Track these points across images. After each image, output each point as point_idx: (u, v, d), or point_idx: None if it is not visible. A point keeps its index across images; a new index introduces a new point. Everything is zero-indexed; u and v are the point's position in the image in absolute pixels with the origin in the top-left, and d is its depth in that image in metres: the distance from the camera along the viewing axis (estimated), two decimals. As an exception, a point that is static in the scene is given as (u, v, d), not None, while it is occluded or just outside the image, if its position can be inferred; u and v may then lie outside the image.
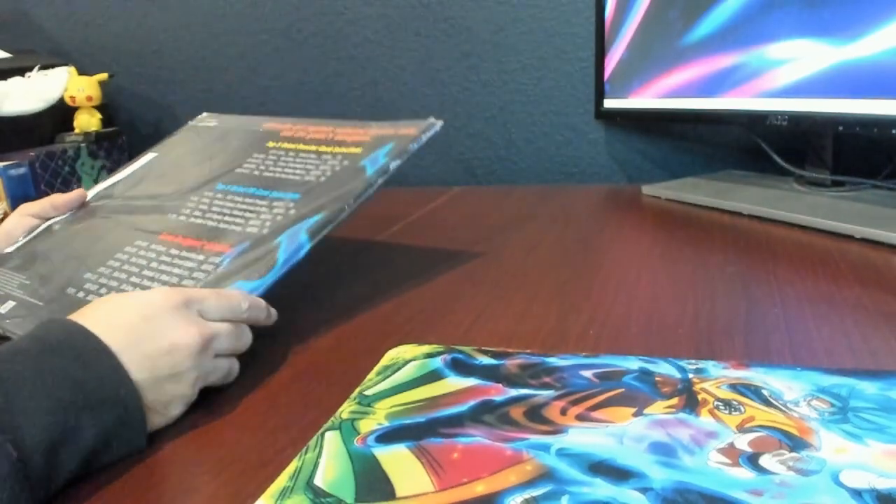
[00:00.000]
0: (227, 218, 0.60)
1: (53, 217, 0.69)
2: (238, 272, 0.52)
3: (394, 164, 0.61)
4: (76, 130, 1.19)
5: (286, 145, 0.70)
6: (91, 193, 0.72)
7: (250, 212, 0.60)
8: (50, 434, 0.34)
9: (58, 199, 0.69)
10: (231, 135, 0.76)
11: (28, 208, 0.68)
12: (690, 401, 0.37)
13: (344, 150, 0.66)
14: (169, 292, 0.44)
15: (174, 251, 0.58)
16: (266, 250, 0.54)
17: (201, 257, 0.56)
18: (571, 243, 0.75)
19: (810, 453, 0.32)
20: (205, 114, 0.82)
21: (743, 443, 0.33)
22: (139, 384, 0.39)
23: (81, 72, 1.21)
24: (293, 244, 0.54)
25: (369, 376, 0.43)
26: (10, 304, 0.57)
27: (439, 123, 0.65)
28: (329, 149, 0.67)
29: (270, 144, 0.71)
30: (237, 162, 0.69)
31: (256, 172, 0.67)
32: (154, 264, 0.56)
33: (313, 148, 0.68)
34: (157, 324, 0.41)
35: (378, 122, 0.68)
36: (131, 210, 0.67)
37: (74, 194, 0.69)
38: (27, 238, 0.66)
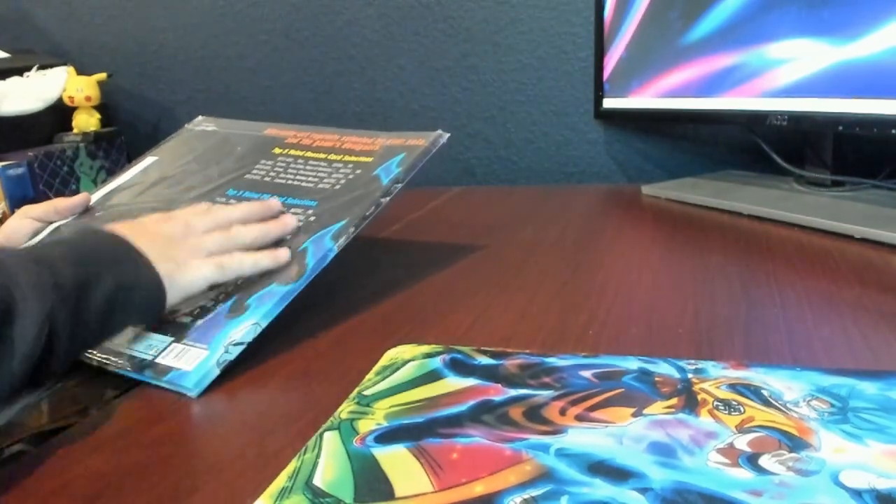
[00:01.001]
0: None
1: (55, 221, 0.68)
2: (270, 278, 0.54)
3: (407, 175, 0.62)
4: (75, 130, 1.19)
5: (294, 152, 0.71)
6: (94, 198, 0.71)
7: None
8: (77, 275, 0.44)
9: (61, 202, 0.68)
10: (233, 140, 0.76)
11: (30, 211, 0.68)
12: (690, 401, 0.37)
13: (354, 158, 0.67)
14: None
15: None
16: (295, 257, 0.56)
17: None
18: (571, 243, 0.75)
19: (810, 453, 0.32)
20: (201, 117, 0.82)
21: (742, 443, 0.33)
22: (147, 253, 0.49)
23: (80, 71, 1.21)
24: (320, 250, 0.56)
25: (368, 376, 0.43)
26: None
27: (447, 136, 0.66)
28: (339, 157, 0.68)
29: (277, 151, 0.72)
30: (245, 168, 0.70)
31: (267, 179, 0.67)
32: None
33: (322, 156, 0.69)
34: (156, 225, 0.55)
35: (385, 133, 0.69)
36: (141, 214, 0.67)
37: (78, 199, 0.69)
38: (33, 241, 0.66)
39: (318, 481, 0.32)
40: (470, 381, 0.41)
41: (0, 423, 0.46)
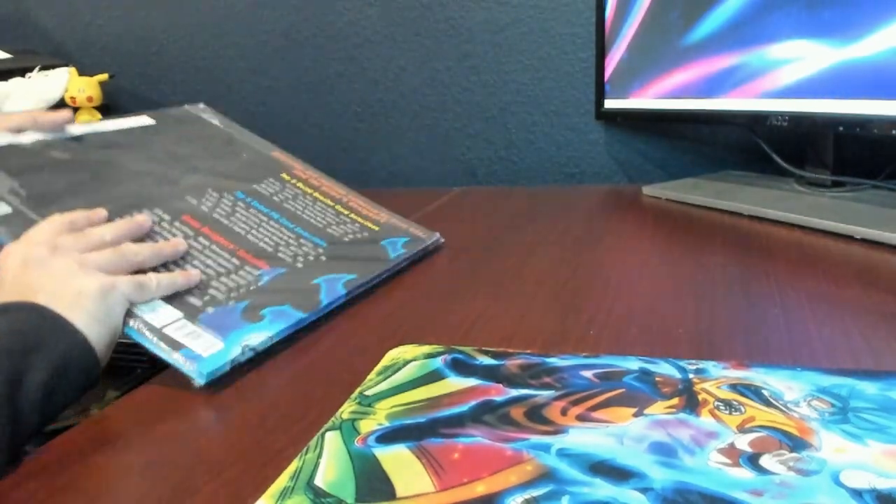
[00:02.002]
0: (254, 231, 0.63)
1: (33, 131, 0.61)
2: (284, 297, 0.55)
3: (407, 257, 0.69)
4: (76, 131, 1.19)
5: (301, 186, 0.74)
6: (83, 129, 0.65)
7: (278, 237, 0.63)
8: (5, 374, 0.40)
9: (41, 115, 0.62)
10: (237, 144, 0.77)
11: (5, 121, 0.61)
12: (691, 401, 0.37)
13: (361, 220, 0.72)
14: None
15: (203, 241, 0.59)
16: (308, 287, 0.58)
17: (236, 261, 0.58)
18: (572, 243, 0.75)
19: (810, 453, 0.32)
20: (202, 105, 0.81)
21: (743, 443, 0.33)
22: (56, 309, 0.45)
23: (82, 72, 1.21)
24: (333, 293, 0.59)
25: (370, 376, 0.43)
26: (6, 208, 0.53)
27: (442, 240, 0.75)
28: (346, 212, 0.72)
29: (286, 177, 0.74)
30: (253, 178, 0.71)
31: (276, 199, 0.69)
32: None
33: (330, 203, 0.73)
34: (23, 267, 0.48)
35: (387, 210, 0.76)
36: (143, 171, 0.63)
37: (61, 115, 0.63)
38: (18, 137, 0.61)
39: (319, 481, 0.32)
40: (471, 382, 0.41)
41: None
